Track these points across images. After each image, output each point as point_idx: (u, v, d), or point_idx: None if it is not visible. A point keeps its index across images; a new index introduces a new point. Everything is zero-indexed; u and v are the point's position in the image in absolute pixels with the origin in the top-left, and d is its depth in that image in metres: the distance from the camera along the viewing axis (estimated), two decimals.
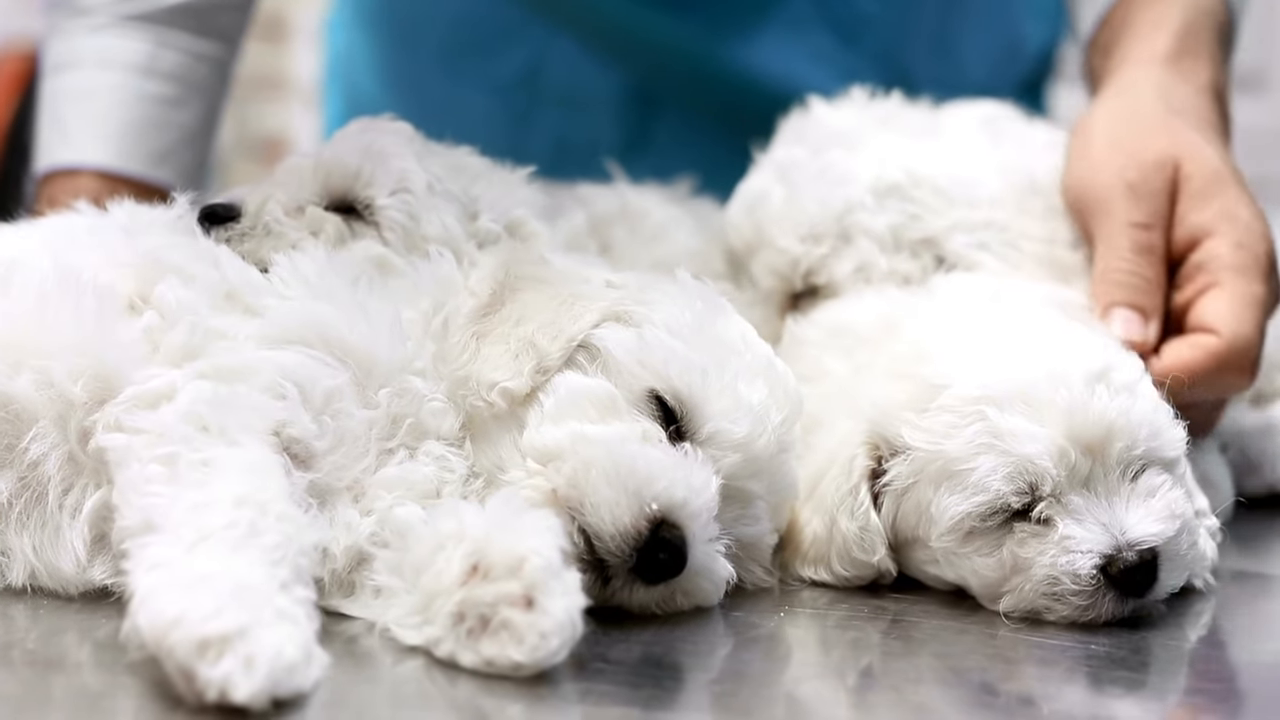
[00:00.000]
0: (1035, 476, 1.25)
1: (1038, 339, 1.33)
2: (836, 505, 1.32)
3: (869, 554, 1.32)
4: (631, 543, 1.19)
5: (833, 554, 1.33)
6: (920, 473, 1.30)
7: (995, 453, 1.26)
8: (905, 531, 1.33)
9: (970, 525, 1.28)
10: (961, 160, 1.62)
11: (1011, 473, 1.25)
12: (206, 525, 1.05)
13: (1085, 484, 1.26)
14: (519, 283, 1.31)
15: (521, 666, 1.06)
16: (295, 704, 1.01)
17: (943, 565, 1.31)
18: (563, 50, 2.07)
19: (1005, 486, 1.26)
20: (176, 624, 0.99)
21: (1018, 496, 1.26)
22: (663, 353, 1.26)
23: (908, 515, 1.31)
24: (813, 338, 1.51)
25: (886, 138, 1.64)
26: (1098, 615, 1.25)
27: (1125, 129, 1.54)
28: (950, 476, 1.28)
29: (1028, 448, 1.25)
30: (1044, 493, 1.26)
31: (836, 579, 1.34)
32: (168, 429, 1.12)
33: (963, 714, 1.10)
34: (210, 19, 1.78)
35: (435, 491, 1.22)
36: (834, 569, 1.33)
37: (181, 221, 1.33)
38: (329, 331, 1.21)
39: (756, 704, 1.09)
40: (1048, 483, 1.25)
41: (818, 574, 1.34)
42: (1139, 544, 1.24)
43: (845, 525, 1.31)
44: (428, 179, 1.42)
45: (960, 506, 1.27)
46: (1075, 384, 1.27)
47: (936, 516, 1.29)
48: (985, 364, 1.30)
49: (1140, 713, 1.12)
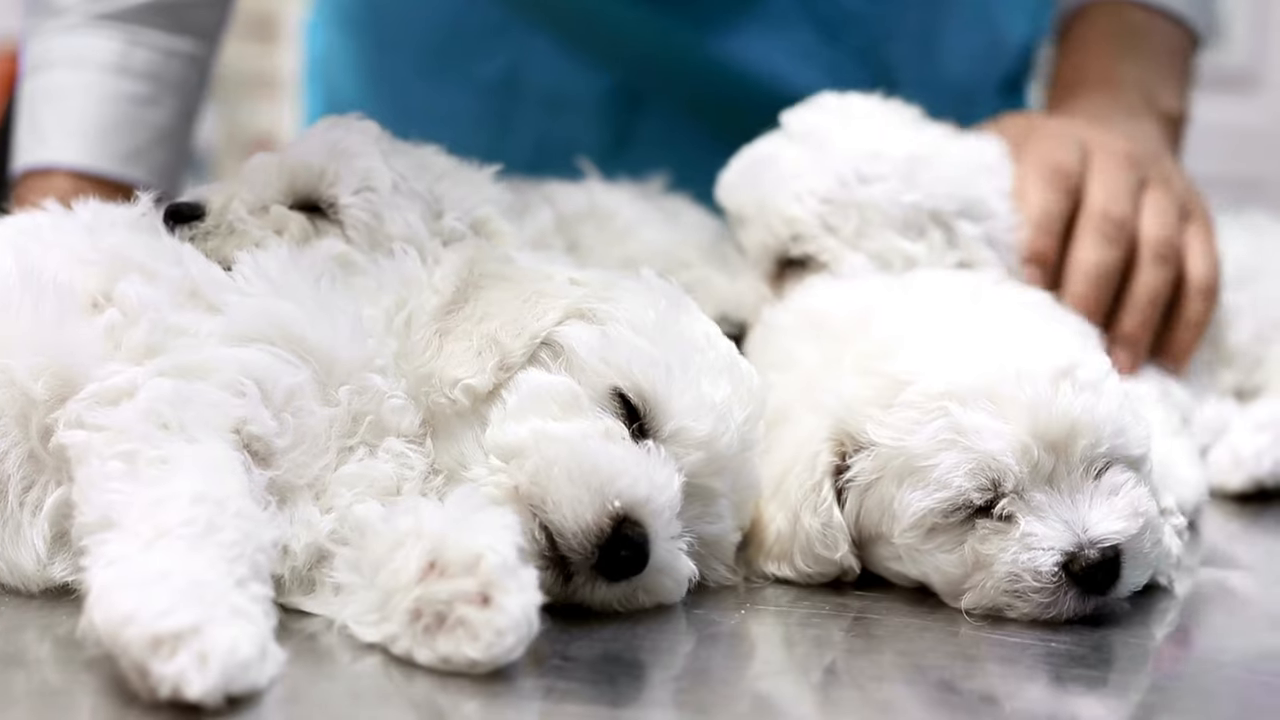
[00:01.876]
0: (997, 473, 1.25)
1: (1005, 336, 1.33)
2: (800, 501, 1.32)
3: (832, 550, 1.32)
4: (594, 540, 1.19)
5: (796, 550, 1.33)
6: (884, 469, 1.30)
7: (958, 449, 1.26)
8: (869, 528, 1.33)
9: (933, 522, 1.28)
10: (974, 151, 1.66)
11: (973, 469, 1.25)
12: (164, 522, 1.05)
13: (1048, 481, 1.26)
14: (483, 280, 1.31)
15: (477, 664, 1.06)
16: (251, 701, 1.01)
17: (905, 562, 1.31)
18: (543, 51, 2.07)
19: (967, 483, 1.25)
20: (131, 620, 0.99)
21: (980, 493, 1.26)
22: (626, 350, 1.26)
23: (871, 511, 1.31)
24: (786, 324, 1.51)
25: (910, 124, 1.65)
26: (1060, 613, 1.25)
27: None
28: (913, 473, 1.27)
29: (990, 444, 1.25)
30: (1006, 489, 1.25)
31: (800, 575, 1.34)
32: (127, 426, 1.12)
33: (925, 711, 1.10)
34: (185, 16, 1.78)
35: (395, 489, 1.22)
36: (797, 565, 1.33)
37: (145, 219, 1.33)
38: (290, 329, 1.21)
39: (719, 701, 1.09)
40: (1010, 480, 1.25)
41: (781, 570, 1.34)
42: (1101, 541, 1.24)
43: (808, 521, 1.31)
44: (393, 177, 1.42)
45: (923, 503, 1.27)
46: (1040, 381, 1.27)
47: (899, 513, 1.28)
48: (950, 360, 1.30)
49: (1102, 710, 1.12)
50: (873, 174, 1.59)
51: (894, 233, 1.57)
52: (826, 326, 1.46)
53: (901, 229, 1.58)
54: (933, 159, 1.60)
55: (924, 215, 1.59)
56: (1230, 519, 1.66)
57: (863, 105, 1.67)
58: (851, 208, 1.58)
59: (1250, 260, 1.84)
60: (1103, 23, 1.85)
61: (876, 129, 1.62)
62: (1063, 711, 1.11)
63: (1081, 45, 1.85)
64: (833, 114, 1.65)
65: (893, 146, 1.61)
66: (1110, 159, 1.63)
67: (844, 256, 1.58)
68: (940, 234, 1.58)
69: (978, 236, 1.59)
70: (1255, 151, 4.58)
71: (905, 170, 1.59)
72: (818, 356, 1.44)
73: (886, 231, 1.57)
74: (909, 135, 1.63)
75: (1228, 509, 1.69)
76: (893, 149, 1.60)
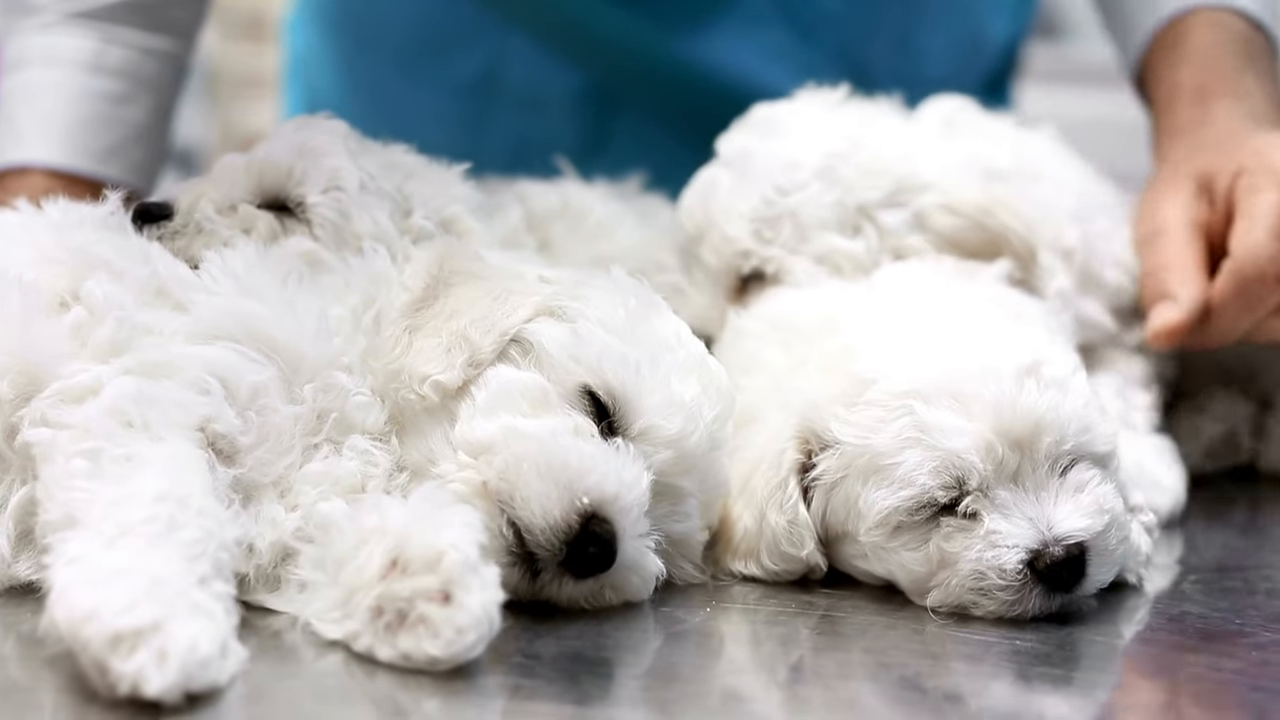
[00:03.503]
0: (961, 471, 1.25)
1: (969, 334, 1.33)
2: (766, 499, 1.32)
3: (798, 548, 1.32)
4: (561, 536, 1.19)
5: (762, 548, 1.33)
6: (848, 467, 1.30)
7: (921, 447, 1.26)
8: (835, 526, 1.32)
9: (898, 520, 1.27)
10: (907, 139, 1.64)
11: (937, 467, 1.25)
12: (126, 520, 1.06)
13: (1013, 479, 1.26)
14: (453, 277, 1.31)
15: (438, 661, 1.06)
16: (212, 698, 1.01)
17: (871, 560, 1.31)
18: (520, 51, 2.07)
19: (931, 481, 1.25)
20: (91, 618, 0.99)
21: (944, 491, 1.26)
22: (596, 348, 1.26)
23: (837, 510, 1.31)
24: (752, 330, 1.51)
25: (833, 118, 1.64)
26: (1025, 610, 1.25)
27: None
28: (877, 471, 1.27)
29: (954, 442, 1.25)
30: (970, 487, 1.25)
31: (766, 574, 1.33)
32: (92, 424, 1.12)
33: (891, 708, 1.10)
34: (161, 13, 1.78)
35: (360, 486, 1.22)
36: (764, 563, 1.33)
37: (113, 218, 1.33)
38: (255, 327, 1.21)
39: (687, 699, 1.09)
40: (974, 477, 1.25)
41: (748, 569, 1.34)
42: (1065, 539, 1.24)
43: (774, 519, 1.31)
44: (360, 176, 1.42)
45: (887, 501, 1.27)
46: (1004, 378, 1.27)
47: (864, 511, 1.28)
48: (914, 358, 1.30)
49: (1066, 708, 1.12)
50: (791, 184, 1.59)
51: (832, 233, 1.57)
52: (793, 330, 1.46)
53: (838, 228, 1.58)
54: (850, 153, 1.60)
55: (851, 211, 1.58)
56: (1197, 518, 1.66)
57: (787, 113, 1.67)
58: (784, 219, 1.59)
59: None
60: (1212, 34, 1.76)
61: (793, 139, 1.62)
62: (1028, 710, 1.11)
63: (1197, 55, 1.75)
64: (756, 131, 1.66)
65: (808, 152, 1.60)
66: None
67: (789, 264, 1.58)
68: (872, 227, 1.58)
69: (902, 223, 1.58)
70: None
71: (822, 170, 1.59)
72: (785, 360, 1.44)
73: (825, 234, 1.57)
74: (832, 133, 1.62)
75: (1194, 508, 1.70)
76: (808, 154, 1.60)
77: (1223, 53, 1.72)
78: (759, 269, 1.60)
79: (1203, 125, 1.69)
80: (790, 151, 1.61)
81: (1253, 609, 1.33)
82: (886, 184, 1.59)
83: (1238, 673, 1.18)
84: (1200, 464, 1.80)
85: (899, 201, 1.59)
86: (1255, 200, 1.56)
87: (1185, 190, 1.63)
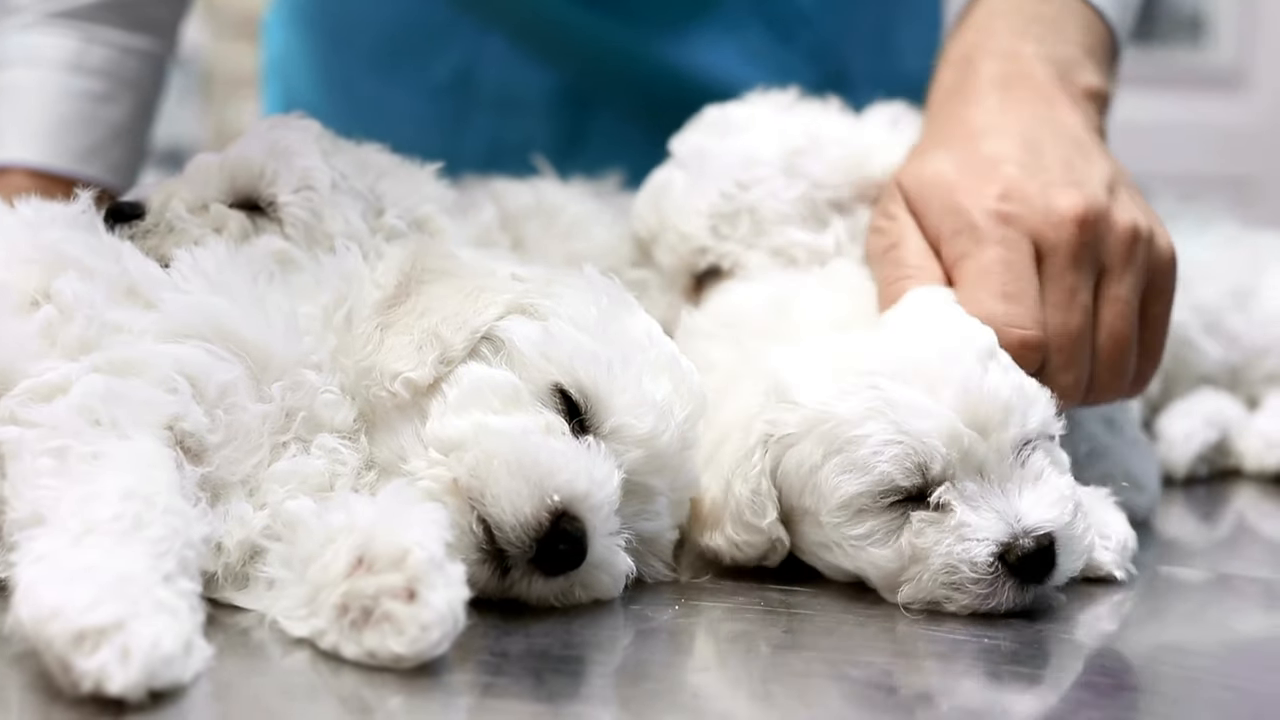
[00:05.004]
0: (924, 457, 1.25)
1: (927, 320, 1.34)
2: (732, 469, 1.32)
3: (759, 517, 1.31)
4: (532, 533, 1.19)
5: (726, 518, 1.33)
6: (808, 431, 1.29)
7: (885, 420, 1.25)
8: (792, 496, 1.32)
9: (860, 505, 1.27)
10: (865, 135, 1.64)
11: (898, 454, 1.25)
12: (92, 518, 1.06)
13: (979, 470, 1.26)
14: (425, 275, 1.31)
15: (402, 658, 1.06)
16: (176, 695, 1.01)
17: (839, 554, 1.31)
18: (496, 52, 2.08)
19: (891, 468, 1.25)
20: (55, 616, 0.99)
21: (905, 477, 1.26)
22: (568, 346, 1.26)
23: (790, 471, 1.31)
24: (703, 328, 1.52)
25: (788, 116, 1.65)
26: (998, 604, 1.25)
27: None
28: (839, 445, 1.27)
29: (920, 424, 1.25)
30: (934, 474, 1.25)
31: (730, 545, 1.33)
32: (60, 422, 1.12)
33: (859, 705, 1.10)
34: (141, 13, 1.79)
35: (328, 485, 1.22)
36: (728, 534, 1.33)
37: (85, 217, 1.33)
38: (224, 325, 1.21)
39: (656, 696, 1.09)
40: (937, 463, 1.25)
41: (714, 541, 1.34)
42: (1035, 530, 1.24)
43: (739, 489, 1.31)
44: (332, 176, 1.42)
45: (849, 487, 1.27)
46: (968, 360, 1.27)
47: (825, 491, 1.28)
48: (878, 339, 1.31)
49: (1035, 706, 1.12)
50: (751, 179, 1.60)
51: (794, 228, 1.58)
52: (743, 324, 1.47)
53: (800, 223, 1.58)
54: (813, 150, 1.60)
55: (819, 205, 1.59)
56: (1168, 517, 1.66)
57: (742, 112, 1.67)
58: (742, 214, 1.59)
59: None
60: (997, 3, 1.63)
61: (752, 135, 1.63)
62: (995, 707, 1.10)
63: (974, 23, 1.62)
64: (711, 129, 1.66)
65: (766, 148, 1.61)
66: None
67: (744, 259, 1.58)
68: (843, 222, 1.58)
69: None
70: (1242, 150, 4.58)
71: (784, 166, 1.60)
72: (736, 354, 1.44)
73: (785, 228, 1.58)
74: (790, 130, 1.62)
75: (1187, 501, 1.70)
76: (767, 150, 1.61)
77: (1005, 14, 1.60)
78: (715, 265, 1.60)
79: (958, 96, 1.55)
80: (749, 148, 1.61)
81: (1225, 606, 1.33)
82: (856, 178, 1.59)
83: (1207, 670, 1.18)
84: (1192, 467, 1.81)
85: (871, 196, 1.59)
86: (966, 266, 1.41)
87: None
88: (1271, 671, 1.22)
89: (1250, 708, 1.13)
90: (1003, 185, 1.41)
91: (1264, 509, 1.78)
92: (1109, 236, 1.41)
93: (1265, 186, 4.61)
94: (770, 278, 1.53)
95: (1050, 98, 1.51)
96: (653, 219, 1.64)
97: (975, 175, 1.43)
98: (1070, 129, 1.48)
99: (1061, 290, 1.39)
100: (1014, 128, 1.47)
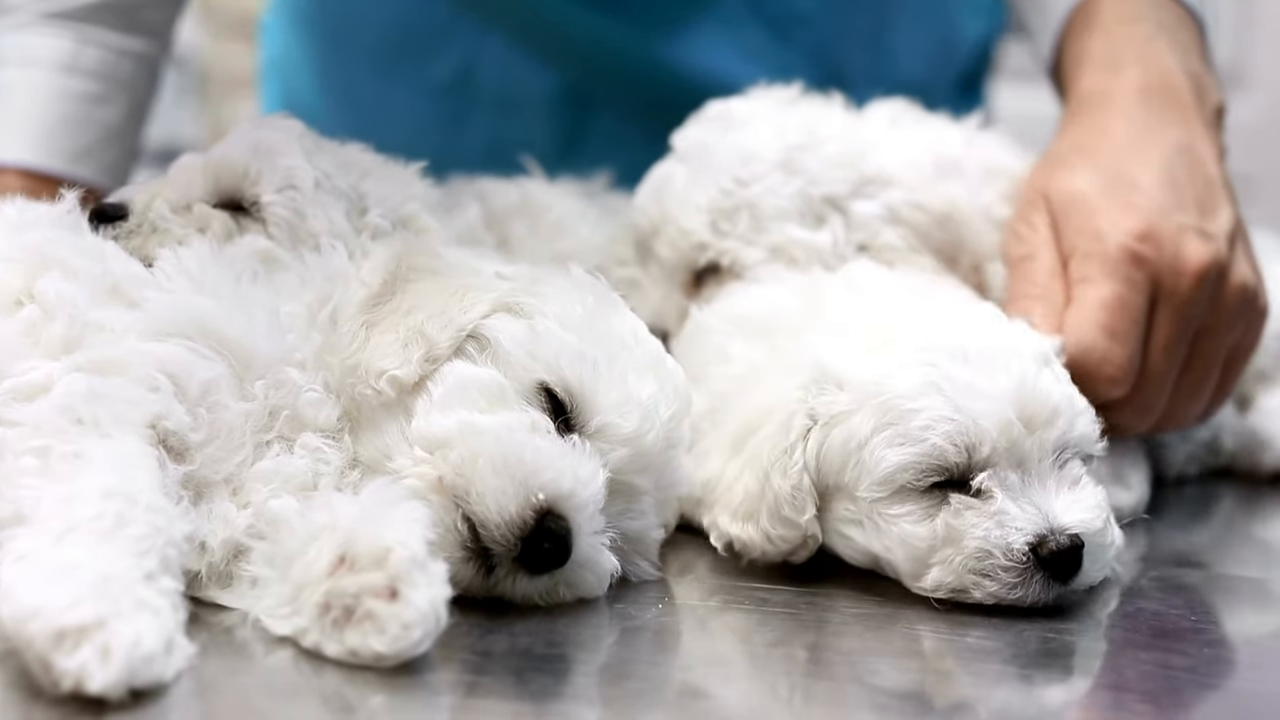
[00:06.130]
0: (975, 438, 1.25)
1: (982, 319, 1.36)
2: (771, 463, 1.31)
3: (799, 513, 1.31)
4: (516, 532, 1.19)
5: (764, 510, 1.32)
6: (860, 406, 1.29)
7: (942, 396, 1.26)
8: (830, 474, 1.31)
9: (903, 480, 1.27)
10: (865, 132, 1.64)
11: (952, 431, 1.25)
12: (74, 517, 1.06)
13: (1020, 463, 1.27)
14: (411, 273, 1.31)
15: (384, 657, 1.06)
16: (158, 693, 1.01)
17: (868, 529, 1.30)
18: (496, 52, 2.08)
19: (943, 442, 1.25)
20: (36, 614, 0.99)
21: (955, 453, 1.26)
22: (553, 345, 1.26)
23: (834, 449, 1.30)
24: (716, 326, 1.52)
25: (789, 112, 1.65)
26: (1024, 596, 1.25)
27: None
28: (891, 417, 1.27)
29: (976, 404, 1.26)
30: (980, 457, 1.26)
31: (761, 538, 1.32)
32: (42, 421, 1.12)
33: (841, 701, 1.10)
34: (135, 15, 1.79)
35: (312, 484, 1.22)
36: (763, 526, 1.32)
37: (69, 217, 1.33)
38: (207, 324, 1.21)
39: (640, 694, 1.09)
40: (986, 446, 1.25)
41: (745, 531, 1.33)
42: (1068, 529, 1.25)
43: (778, 483, 1.31)
44: (316, 175, 1.42)
45: (896, 457, 1.27)
46: (1025, 359, 1.29)
47: (870, 464, 1.28)
48: (934, 325, 1.32)
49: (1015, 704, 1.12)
50: (750, 175, 1.60)
51: (792, 224, 1.58)
52: (760, 323, 1.47)
53: (798, 219, 1.58)
54: (812, 145, 1.61)
55: (816, 202, 1.59)
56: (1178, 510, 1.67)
57: (743, 108, 1.67)
58: (741, 210, 1.59)
59: None
60: (1123, 6, 1.66)
61: (752, 131, 1.63)
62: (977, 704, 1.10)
63: (1108, 24, 1.65)
64: (713, 125, 1.67)
65: (767, 144, 1.61)
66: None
67: (744, 256, 1.58)
68: (840, 219, 1.58)
69: (876, 215, 1.59)
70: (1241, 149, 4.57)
71: (782, 162, 1.60)
72: (759, 348, 1.44)
73: (784, 224, 1.58)
74: (790, 126, 1.63)
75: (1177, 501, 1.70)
76: (766, 146, 1.61)
77: (1133, 20, 1.64)
78: (714, 261, 1.60)
79: (1104, 104, 1.59)
80: (749, 144, 1.62)
81: (1208, 605, 1.33)
82: (853, 175, 1.59)
83: (1188, 669, 1.18)
84: (1183, 468, 1.80)
85: (868, 193, 1.59)
86: (1087, 291, 1.45)
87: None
88: (1264, 671, 1.22)
89: (1243, 708, 1.13)
90: (1142, 222, 1.46)
91: (1254, 509, 1.78)
92: (1223, 293, 1.48)
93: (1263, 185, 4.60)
94: (788, 279, 1.54)
95: (1190, 121, 1.56)
96: (654, 211, 1.64)
97: (1117, 202, 1.48)
98: (1206, 165, 1.54)
99: (1165, 335, 1.46)
100: (1157, 155, 1.52)
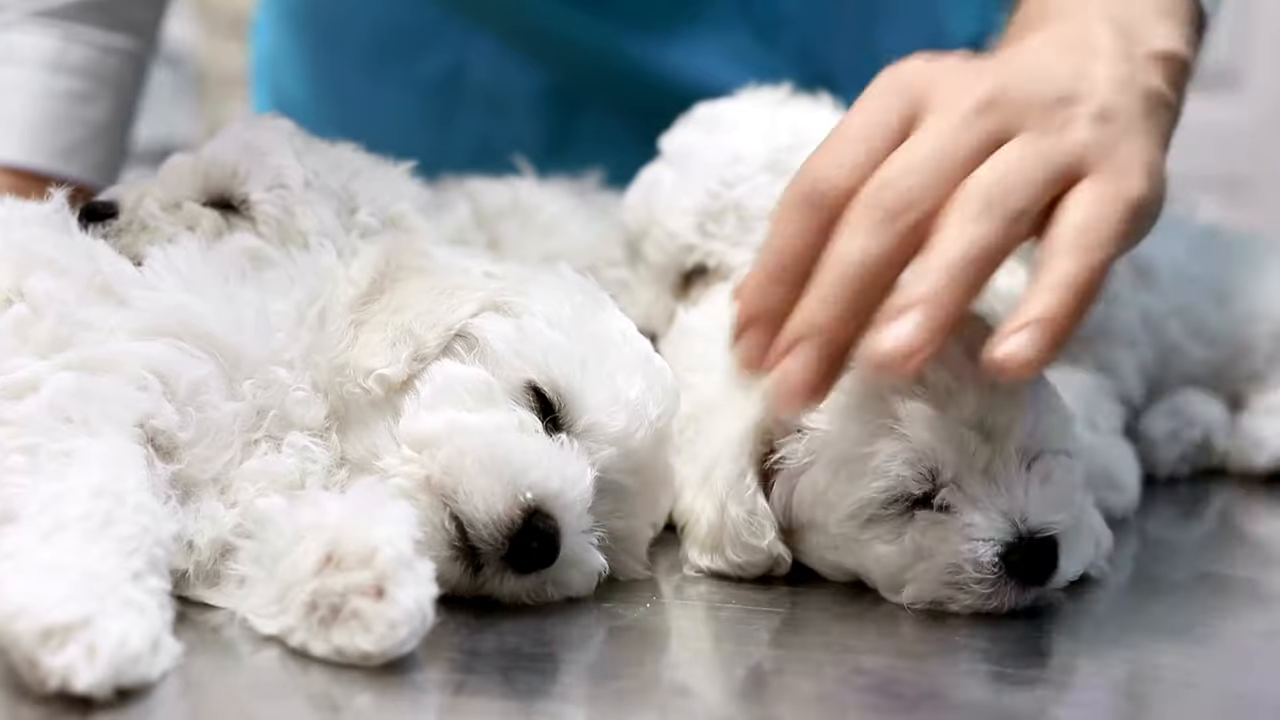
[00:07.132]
0: (935, 463, 1.25)
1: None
2: (726, 491, 1.31)
3: (759, 538, 1.31)
4: (504, 530, 1.19)
5: (725, 541, 1.32)
6: (816, 454, 1.29)
7: (894, 436, 1.25)
8: (800, 515, 1.32)
9: (870, 512, 1.27)
10: None
11: (911, 459, 1.25)
12: (62, 515, 1.05)
13: (985, 470, 1.25)
14: (399, 272, 1.31)
15: (370, 655, 1.06)
16: (144, 692, 1.01)
17: (842, 551, 1.30)
18: (484, 52, 2.08)
19: (906, 472, 1.25)
20: (22, 613, 0.99)
21: (918, 483, 1.25)
22: (542, 344, 1.26)
23: (803, 497, 1.30)
24: (701, 328, 1.52)
25: (777, 113, 1.65)
26: (1000, 604, 1.24)
27: None
28: (848, 461, 1.27)
29: (927, 433, 1.24)
30: (945, 479, 1.25)
31: (732, 567, 1.33)
32: (30, 420, 1.12)
33: (829, 697, 1.10)
34: (121, 12, 1.79)
35: (299, 483, 1.22)
36: (728, 556, 1.32)
37: (58, 216, 1.33)
38: (195, 322, 1.21)
39: (629, 693, 1.09)
40: (949, 469, 1.25)
41: (714, 563, 1.33)
42: (1039, 531, 1.24)
43: (734, 511, 1.31)
44: (305, 174, 1.42)
45: (861, 493, 1.26)
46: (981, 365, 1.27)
47: (835, 502, 1.28)
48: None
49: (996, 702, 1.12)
50: (736, 177, 1.60)
51: None
52: None
53: None
54: (799, 146, 1.60)
55: None
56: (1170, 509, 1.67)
57: (731, 109, 1.68)
58: (728, 211, 1.60)
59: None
60: None
61: (739, 133, 1.63)
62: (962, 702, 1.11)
63: None
64: (700, 127, 1.67)
65: (753, 145, 1.61)
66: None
67: (729, 256, 1.58)
68: None
69: None
70: (1237, 150, 4.58)
71: (769, 163, 1.60)
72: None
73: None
74: (777, 127, 1.63)
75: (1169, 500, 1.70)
76: (753, 148, 1.61)
77: None
78: (702, 263, 1.61)
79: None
80: (735, 146, 1.62)
81: (1208, 605, 1.33)
82: None
83: (1172, 668, 1.18)
84: (1175, 468, 1.81)
85: None
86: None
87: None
88: (1254, 671, 1.22)
89: (1231, 708, 1.13)
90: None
91: (1247, 508, 1.78)
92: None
93: (1259, 187, 4.61)
94: None
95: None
96: (642, 214, 1.65)
97: None
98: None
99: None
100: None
